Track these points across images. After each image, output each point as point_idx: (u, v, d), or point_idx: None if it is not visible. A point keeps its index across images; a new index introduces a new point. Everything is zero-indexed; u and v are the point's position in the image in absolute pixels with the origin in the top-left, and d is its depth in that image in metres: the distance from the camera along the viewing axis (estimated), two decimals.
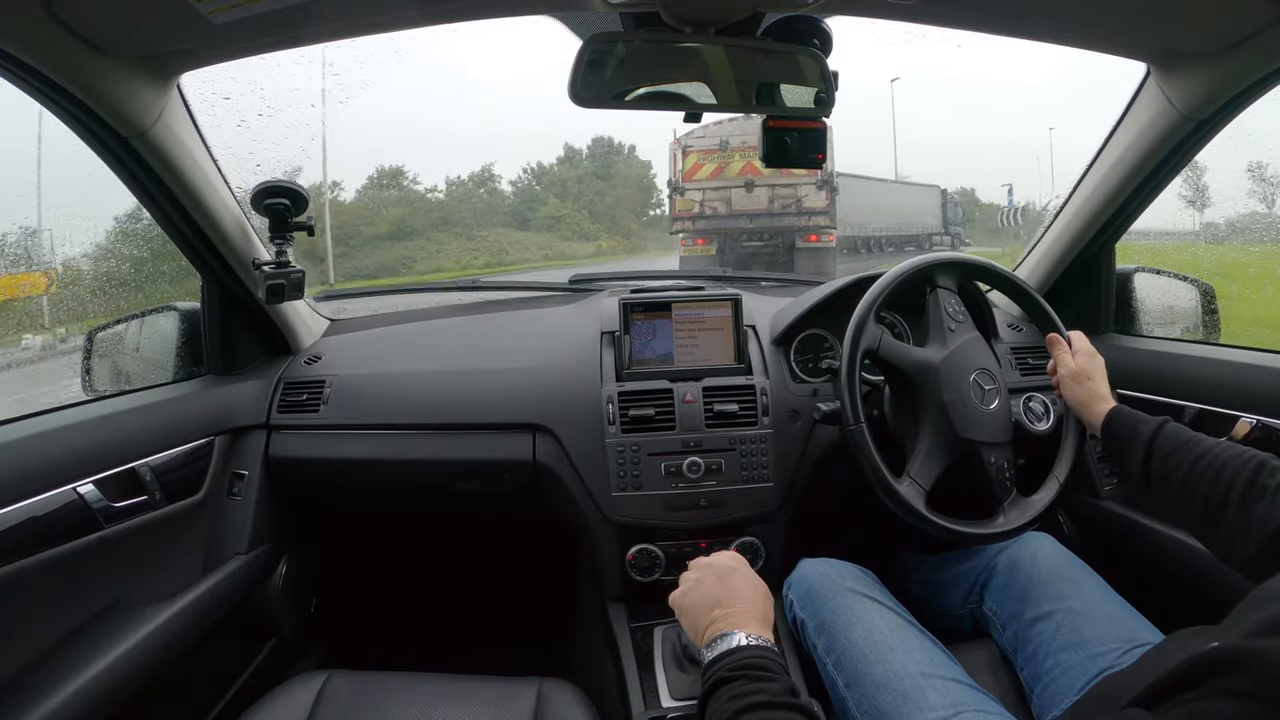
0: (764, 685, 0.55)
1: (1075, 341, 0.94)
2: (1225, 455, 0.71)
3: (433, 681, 0.89)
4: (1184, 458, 0.74)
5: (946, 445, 0.91)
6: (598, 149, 25.13)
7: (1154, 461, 0.77)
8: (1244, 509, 0.66)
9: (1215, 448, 0.72)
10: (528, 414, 1.13)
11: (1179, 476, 0.73)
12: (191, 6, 0.73)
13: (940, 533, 0.89)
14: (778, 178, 7.60)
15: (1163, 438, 0.77)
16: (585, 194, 22.97)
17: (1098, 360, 0.92)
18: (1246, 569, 0.65)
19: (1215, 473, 0.70)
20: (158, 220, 1.04)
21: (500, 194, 23.31)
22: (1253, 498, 0.65)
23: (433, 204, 20.57)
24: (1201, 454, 0.72)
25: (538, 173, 24.88)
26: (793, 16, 0.84)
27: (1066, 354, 0.93)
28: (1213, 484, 0.69)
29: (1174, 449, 0.75)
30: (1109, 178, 1.12)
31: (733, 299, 1.16)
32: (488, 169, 23.25)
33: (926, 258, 1.00)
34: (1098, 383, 0.89)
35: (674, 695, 0.91)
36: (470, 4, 0.86)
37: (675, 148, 8.05)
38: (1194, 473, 0.72)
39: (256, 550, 1.13)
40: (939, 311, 0.97)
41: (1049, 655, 0.80)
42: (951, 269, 1.00)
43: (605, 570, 1.09)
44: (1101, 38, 0.94)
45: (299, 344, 1.31)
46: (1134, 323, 1.28)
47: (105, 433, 0.94)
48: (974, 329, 0.99)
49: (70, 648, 0.83)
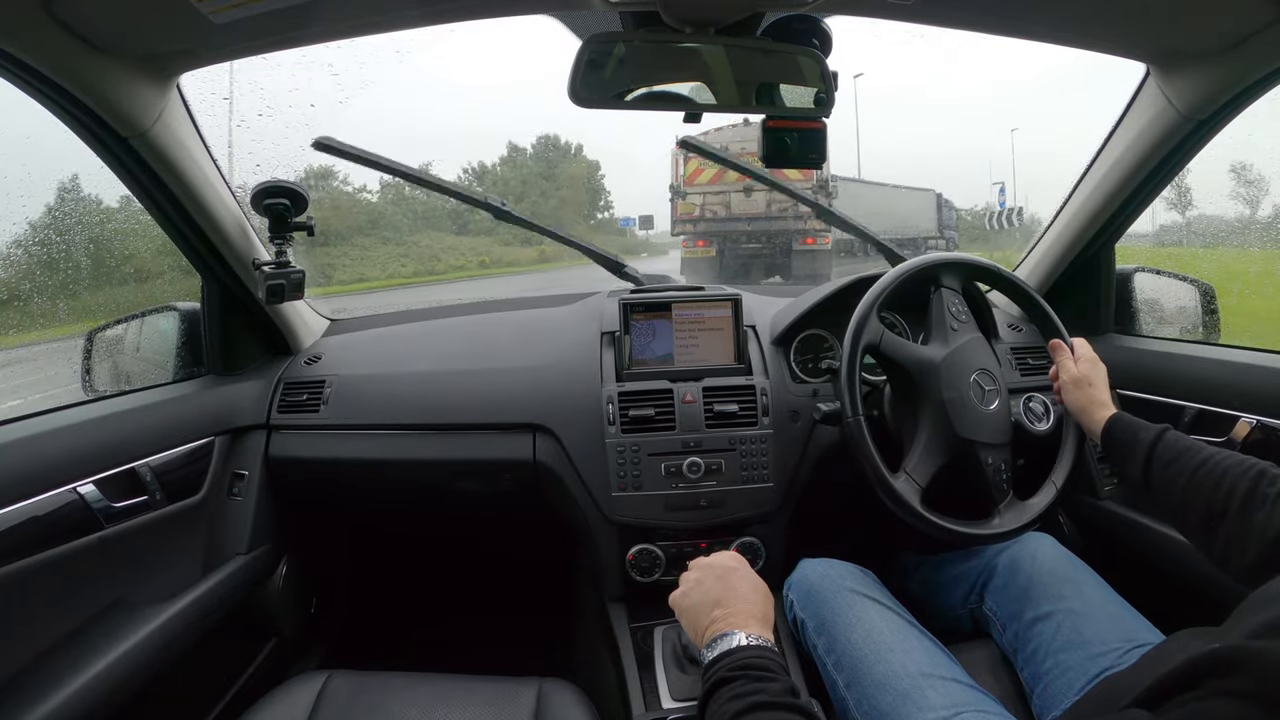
0: (764, 685, 0.55)
1: (1078, 348, 0.94)
2: (1226, 463, 0.70)
3: (433, 681, 0.89)
4: (1185, 465, 0.74)
5: (944, 443, 0.91)
6: (543, 148, 24.28)
7: (1154, 469, 0.77)
8: (1244, 517, 0.65)
9: (1216, 455, 0.72)
10: (528, 414, 1.13)
11: (1180, 484, 0.73)
12: (192, 6, 0.73)
13: (936, 531, 0.88)
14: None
15: (1163, 445, 0.77)
16: (529, 195, 22.17)
17: (1100, 367, 0.92)
18: (1245, 578, 0.65)
19: (1216, 480, 0.69)
20: (158, 220, 1.04)
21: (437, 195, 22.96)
22: (1253, 506, 0.65)
23: (361, 206, 19.04)
24: (1202, 461, 0.72)
25: (479, 173, 24.02)
26: (792, 16, 0.84)
27: (1069, 360, 0.93)
28: (1213, 492, 0.69)
29: (1175, 456, 0.75)
30: (1109, 178, 1.12)
31: (733, 299, 1.16)
32: (426, 167, 23.01)
33: (931, 256, 1.00)
34: (1099, 389, 0.89)
35: (674, 695, 0.91)
36: (470, 4, 0.86)
37: (677, 153, 8.24)
38: (1194, 480, 0.72)
39: (256, 550, 1.13)
40: (942, 310, 0.97)
41: (1049, 655, 0.80)
42: (956, 269, 1.00)
43: (605, 570, 1.09)
44: (1101, 38, 0.94)
45: (299, 344, 1.31)
46: (1134, 323, 1.28)
47: (105, 433, 0.94)
48: (976, 329, 0.99)
49: (70, 648, 0.83)
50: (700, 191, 8.21)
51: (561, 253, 16.93)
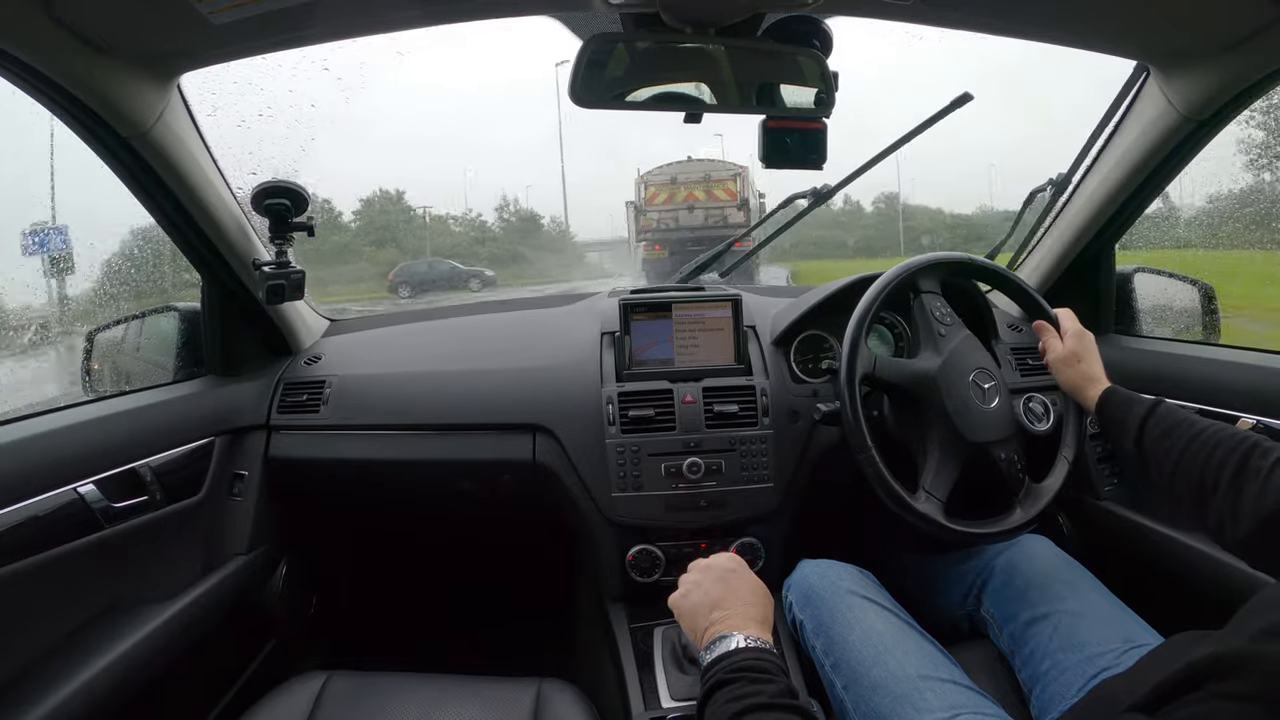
0: (763, 687, 0.55)
1: (1063, 320, 0.94)
2: (1219, 436, 0.70)
3: (433, 681, 0.89)
4: (1177, 439, 0.73)
5: (957, 453, 0.91)
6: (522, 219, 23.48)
7: (1147, 442, 0.76)
8: (1235, 491, 0.65)
9: (1209, 429, 0.72)
10: (528, 414, 1.13)
11: (1173, 457, 0.73)
12: (192, 7, 0.73)
13: (962, 539, 0.88)
14: (711, 202, 10.88)
15: (1156, 418, 0.77)
16: (518, 261, 21.13)
17: (1087, 338, 0.91)
18: (1239, 551, 0.65)
19: (1208, 454, 0.69)
20: (158, 220, 1.04)
21: None
22: (1244, 479, 0.65)
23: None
24: (1195, 435, 0.72)
25: (480, 227, 23.19)
26: (792, 17, 0.84)
27: (1054, 338, 0.92)
28: (1205, 465, 0.69)
29: (1167, 430, 0.75)
30: (1109, 178, 1.12)
31: (733, 299, 1.16)
32: (425, 210, 21.56)
33: (903, 265, 0.98)
34: (1089, 364, 0.89)
35: (674, 696, 0.91)
36: (470, 4, 0.86)
37: (639, 182, 11.23)
38: (1187, 453, 0.71)
39: (256, 550, 1.13)
40: (926, 317, 0.96)
41: (1047, 656, 0.80)
42: (930, 271, 0.99)
43: (605, 571, 1.09)
44: (1101, 38, 0.94)
45: (299, 344, 1.31)
46: (1134, 323, 1.28)
47: (105, 433, 0.94)
48: (964, 328, 0.98)
49: (70, 648, 0.83)
50: (657, 210, 11.04)
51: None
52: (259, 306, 1.16)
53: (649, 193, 11.14)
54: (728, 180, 10.94)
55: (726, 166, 11.01)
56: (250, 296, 1.14)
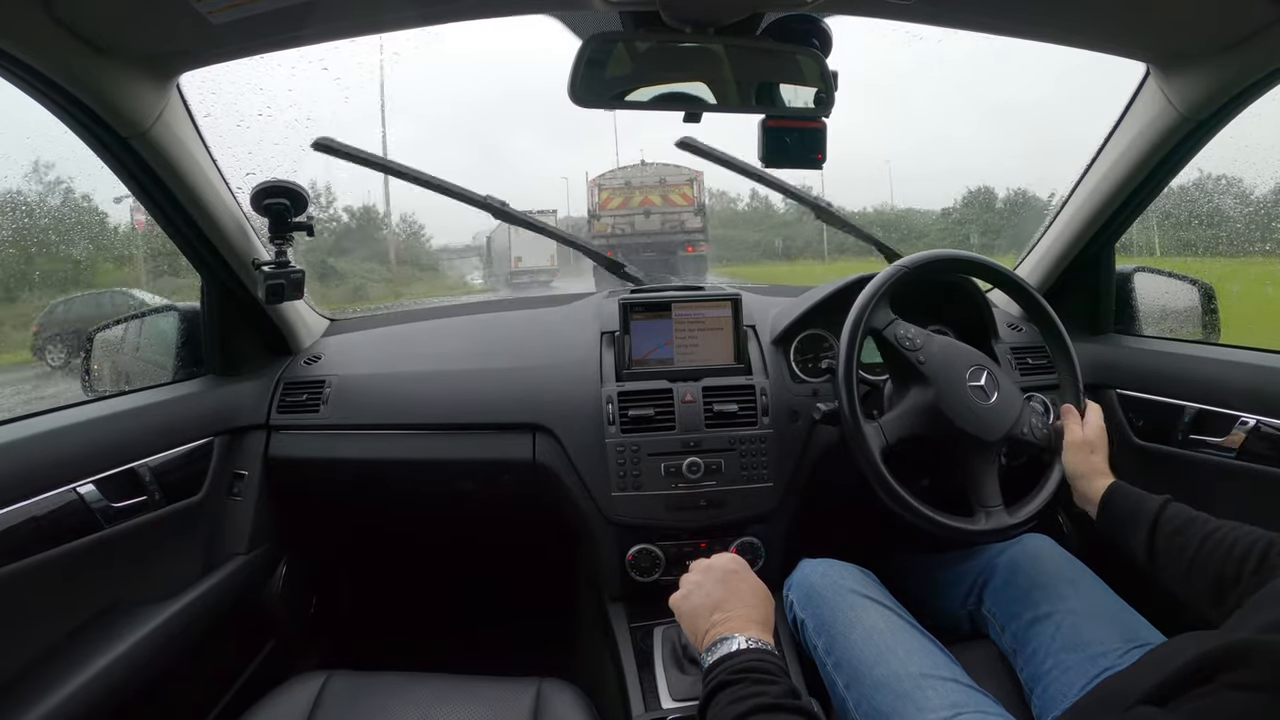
0: (766, 688, 0.55)
1: (1090, 414, 0.93)
2: (1235, 534, 0.71)
3: (432, 681, 0.89)
4: (1191, 536, 0.74)
5: (973, 453, 0.92)
6: None
7: (1159, 539, 0.77)
8: (1256, 585, 0.66)
9: (1223, 526, 0.73)
10: (527, 414, 1.13)
11: (1188, 554, 0.73)
12: (191, 7, 0.73)
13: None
14: (668, 207, 10.76)
15: (1168, 515, 0.77)
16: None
17: (1104, 435, 0.92)
18: None
19: (1226, 549, 0.70)
20: (157, 220, 1.04)
21: None
22: (1264, 572, 0.66)
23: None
24: (1210, 531, 0.73)
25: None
26: (792, 16, 0.84)
27: (1077, 424, 0.92)
28: (1224, 561, 0.70)
29: (1180, 527, 0.76)
30: (1109, 178, 1.12)
31: (733, 299, 1.16)
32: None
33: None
34: (1101, 457, 0.89)
35: (674, 696, 0.91)
36: (470, 4, 0.86)
37: (592, 186, 11.02)
38: (1203, 550, 0.72)
39: (256, 550, 1.13)
40: (895, 353, 0.95)
41: (1049, 656, 0.80)
42: (879, 305, 0.94)
43: (605, 570, 1.09)
44: (1101, 38, 0.94)
45: (299, 344, 1.31)
46: (1134, 322, 1.28)
47: (105, 433, 0.94)
48: (933, 336, 0.97)
49: (70, 648, 0.83)
50: (611, 215, 10.88)
51: None
52: (259, 306, 1.16)
53: (602, 197, 10.89)
54: (683, 185, 10.76)
55: (681, 171, 10.76)
56: (250, 296, 1.14)
